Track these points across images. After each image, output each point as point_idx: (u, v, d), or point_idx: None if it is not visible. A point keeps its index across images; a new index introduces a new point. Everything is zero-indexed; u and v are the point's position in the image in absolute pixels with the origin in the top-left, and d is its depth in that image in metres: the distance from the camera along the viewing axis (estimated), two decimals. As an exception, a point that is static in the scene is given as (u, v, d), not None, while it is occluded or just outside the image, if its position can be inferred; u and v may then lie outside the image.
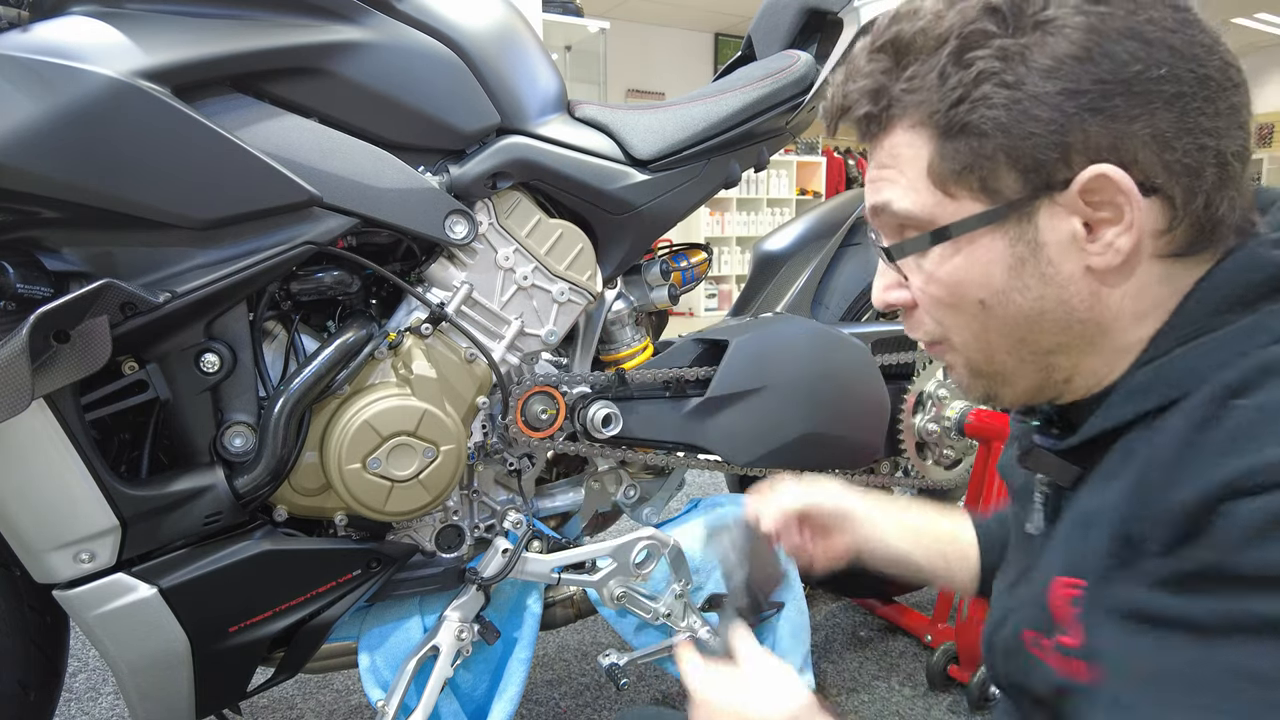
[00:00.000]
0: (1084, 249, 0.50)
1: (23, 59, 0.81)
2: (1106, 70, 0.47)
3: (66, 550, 0.91)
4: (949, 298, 0.55)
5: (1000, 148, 0.49)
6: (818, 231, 1.55)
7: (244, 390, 0.99)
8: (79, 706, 1.58)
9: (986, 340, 0.55)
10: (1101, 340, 0.53)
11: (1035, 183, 0.49)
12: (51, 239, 0.87)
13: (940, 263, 0.54)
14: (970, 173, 0.51)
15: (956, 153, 0.50)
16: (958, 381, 0.61)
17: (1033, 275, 0.52)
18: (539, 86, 1.17)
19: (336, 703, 1.60)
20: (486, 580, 1.12)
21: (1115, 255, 0.50)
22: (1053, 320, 0.53)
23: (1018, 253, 0.52)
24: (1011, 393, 0.58)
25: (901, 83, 0.52)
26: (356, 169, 0.99)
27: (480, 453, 1.18)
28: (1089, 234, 0.50)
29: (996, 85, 0.48)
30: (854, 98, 0.55)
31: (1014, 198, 0.50)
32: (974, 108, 0.49)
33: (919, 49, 0.51)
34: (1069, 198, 0.49)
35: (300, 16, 0.96)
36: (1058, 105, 0.47)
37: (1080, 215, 0.50)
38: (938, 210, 0.53)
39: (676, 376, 1.24)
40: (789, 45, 1.43)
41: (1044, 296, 0.52)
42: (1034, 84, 0.47)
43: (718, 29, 8.46)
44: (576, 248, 1.18)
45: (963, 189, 0.52)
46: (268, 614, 1.03)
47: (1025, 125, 0.48)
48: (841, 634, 1.83)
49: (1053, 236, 0.51)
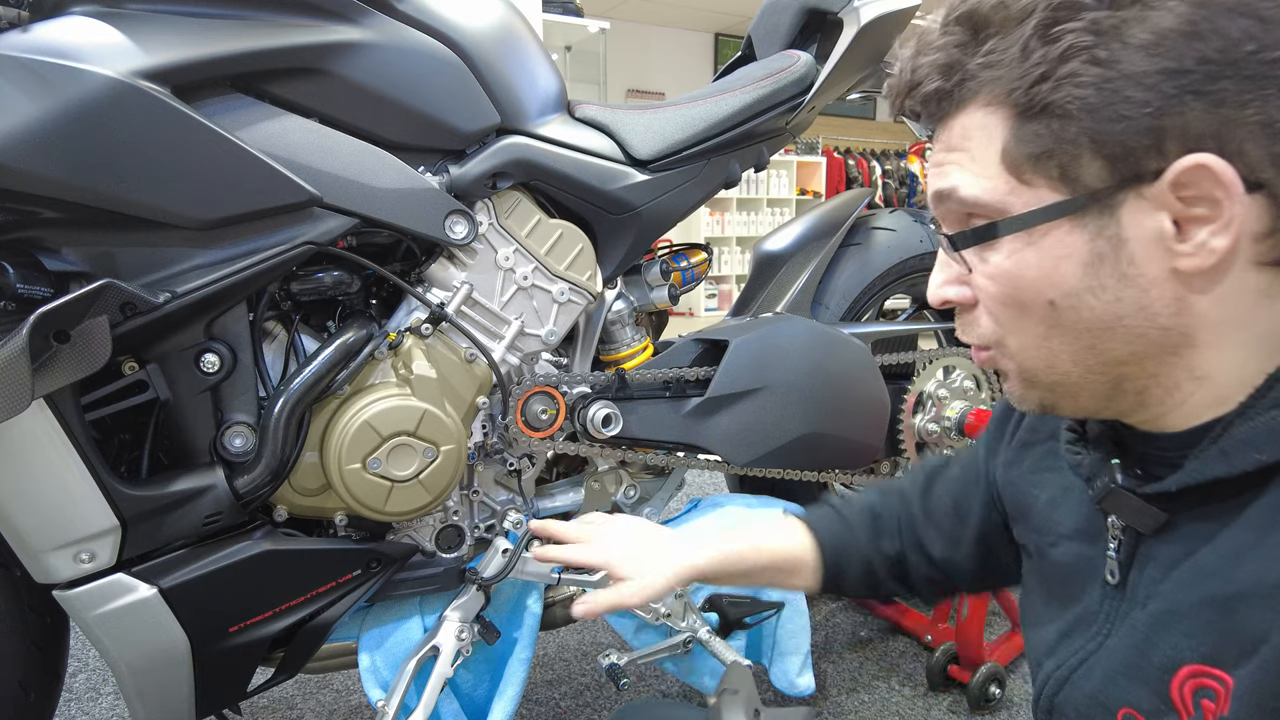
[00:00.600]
0: (1171, 249, 0.45)
1: (23, 59, 0.81)
2: (1215, 48, 0.42)
3: (66, 550, 0.91)
4: (1015, 296, 0.50)
5: (1085, 132, 0.44)
6: (818, 231, 1.55)
7: (244, 390, 0.99)
8: (79, 706, 1.58)
9: (1049, 347, 0.50)
10: (1185, 352, 0.47)
11: (1122, 172, 0.44)
12: (51, 239, 0.87)
13: (1009, 256, 0.49)
14: (1049, 158, 0.46)
15: (1035, 136, 0.46)
16: (1009, 392, 0.55)
17: (1111, 275, 0.46)
18: (539, 86, 1.17)
19: (336, 703, 1.60)
20: (487, 580, 1.12)
21: (1208, 256, 0.44)
22: (1129, 327, 0.47)
23: (1096, 249, 0.46)
24: (1073, 405, 0.53)
25: (979, 57, 0.47)
26: (356, 169, 0.99)
27: (480, 453, 1.18)
28: (1178, 232, 0.45)
29: (1086, 62, 0.43)
30: (924, 72, 0.50)
31: (1096, 188, 0.45)
32: (1059, 86, 0.44)
33: (1000, 21, 0.46)
34: (1158, 191, 0.44)
35: (300, 17, 0.96)
36: (1155, 86, 0.42)
37: (1170, 211, 0.44)
38: (1011, 198, 0.48)
39: (676, 376, 1.24)
40: (789, 45, 1.43)
41: (1121, 299, 0.47)
42: (1130, 62, 0.42)
43: (718, 29, 8.46)
44: (576, 248, 1.18)
45: (1040, 176, 0.47)
46: (268, 614, 1.03)
47: (1116, 107, 0.43)
48: (841, 634, 1.83)
49: (1137, 233, 0.45)
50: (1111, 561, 0.54)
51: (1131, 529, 0.53)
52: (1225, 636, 0.45)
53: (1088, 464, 0.56)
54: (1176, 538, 0.50)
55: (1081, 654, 0.55)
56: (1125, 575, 0.53)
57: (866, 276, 1.55)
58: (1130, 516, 0.52)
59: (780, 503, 1.38)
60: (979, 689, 1.50)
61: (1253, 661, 0.43)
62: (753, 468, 1.30)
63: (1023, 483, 0.67)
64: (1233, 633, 0.44)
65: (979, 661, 1.52)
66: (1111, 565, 0.54)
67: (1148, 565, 0.51)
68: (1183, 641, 0.47)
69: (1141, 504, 0.51)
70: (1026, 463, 0.68)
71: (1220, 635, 0.45)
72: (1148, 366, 0.49)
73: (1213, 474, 0.46)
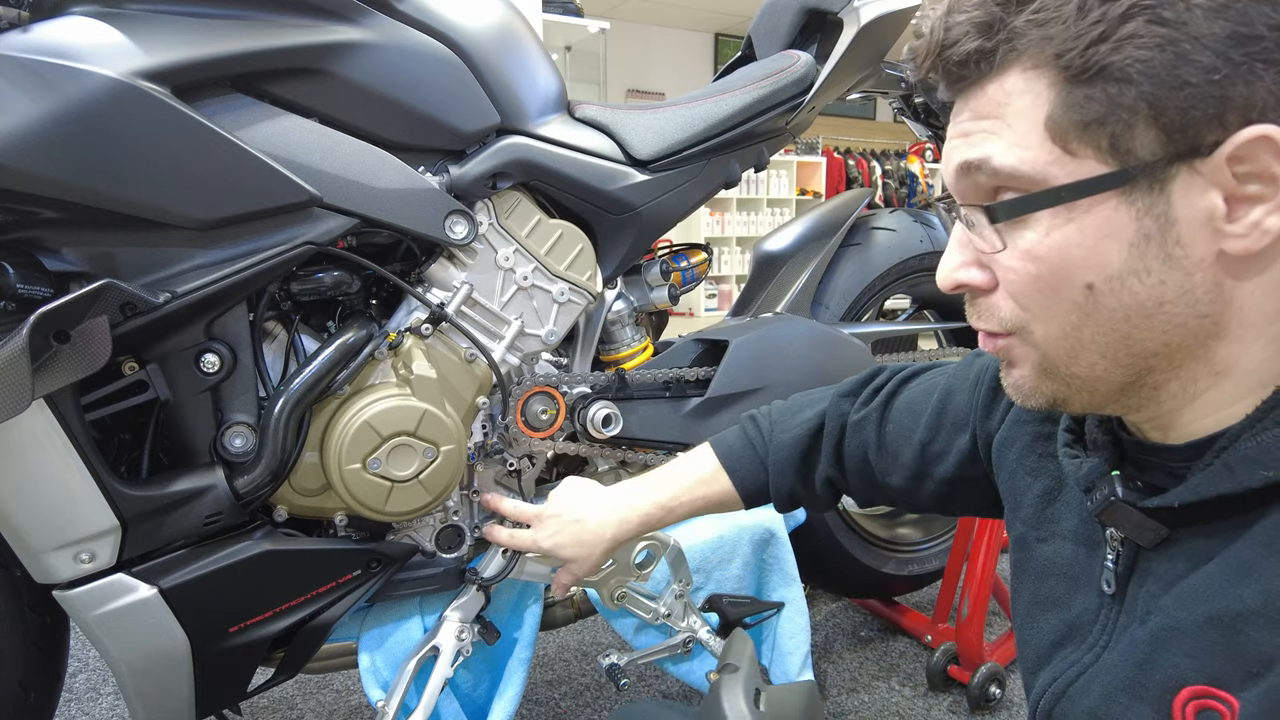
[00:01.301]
0: (1221, 229, 0.42)
1: (23, 59, 0.81)
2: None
3: (66, 550, 0.91)
4: (1050, 277, 0.46)
5: (1144, 97, 0.41)
6: (818, 231, 1.55)
7: (244, 390, 0.99)
8: (79, 707, 1.58)
9: (1079, 336, 0.47)
10: (1213, 344, 0.45)
11: (1178, 144, 0.41)
12: (51, 239, 0.87)
13: (1048, 233, 0.45)
14: (1101, 126, 0.42)
15: (1089, 100, 0.42)
16: (1017, 383, 0.52)
17: (1156, 256, 0.43)
18: (539, 87, 1.17)
19: (336, 703, 1.60)
20: (487, 580, 1.12)
21: (1261, 238, 0.41)
22: (1169, 314, 0.44)
23: (1144, 228, 0.43)
24: (1087, 399, 0.50)
25: (1027, 14, 0.43)
26: (356, 169, 0.99)
27: (480, 453, 1.18)
28: (1229, 212, 0.42)
29: (1150, 21, 0.40)
30: (960, 31, 0.45)
31: (1149, 160, 0.42)
32: (1119, 47, 0.40)
33: None
34: (1213, 166, 0.41)
35: (300, 17, 0.96)
36: (1223, 52, 0.39)
37: (1223, 188, 0.42)
38: (1053, 169, 0.44)
39: (676, 377, 1.24)
40: (789, 45, 1.43)
41: (1165, 283, 0.44)
42: (1197, 23, 0.39)
43: (718, 29, 8.46)
44: (576, 248, 1.18)
45: (1088, 146, 0.43)
46: (268, 614, 1.03)
47: (1180, 72, 0.40)
48: (841, 634, 1.83)
49: (1187, 212, 0.42)
50: (1109, 572, 0.53)
51: (1131, 541, 0.51)
52: (1230, 657, 0.43)
53: (1086, 471, 0.54)
54: (1178, 553, 0.48)
55: (1078, 666, 0.54)
56: (1123, 587, 0.52)
57: (866, 276, 1.55)
58: (1130, 530, 0.50)
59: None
60: (979, 689, 1.50)
61: (1262, 684, 0.41)
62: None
63: (1016, 468, 0.65)
64: (1238, 654, 0.43)
65: (979, 661, 1.52)
66: (1108, 575, 0.53)
67: (1147, 579, 0.50)
68: (1185, 662, 0.45)
69: (1142, 518, 0.49)
70: (1020, 443, 0.65)
71: (1225, 656, 0.43)
72: (1175, 359, 0.46)
73: (1218, 490, 0.44)
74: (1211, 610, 0.45)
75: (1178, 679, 0.45)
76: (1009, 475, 0.67)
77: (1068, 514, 0.59)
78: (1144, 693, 0.47)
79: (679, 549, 1.23)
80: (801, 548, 1.38)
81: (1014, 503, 0.66)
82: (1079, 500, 0.58)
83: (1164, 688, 0.46)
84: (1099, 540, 0.54)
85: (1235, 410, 0.46)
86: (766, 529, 1.32)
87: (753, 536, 1.31)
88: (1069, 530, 0.58)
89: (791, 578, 1.33)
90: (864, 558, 1.65)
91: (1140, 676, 0.48)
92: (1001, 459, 0.68)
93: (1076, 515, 0.58)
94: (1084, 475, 0.54)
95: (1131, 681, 0.48)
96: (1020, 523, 0.64)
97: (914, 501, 0.82)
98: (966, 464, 0.75)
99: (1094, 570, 0.55)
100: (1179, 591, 0.47)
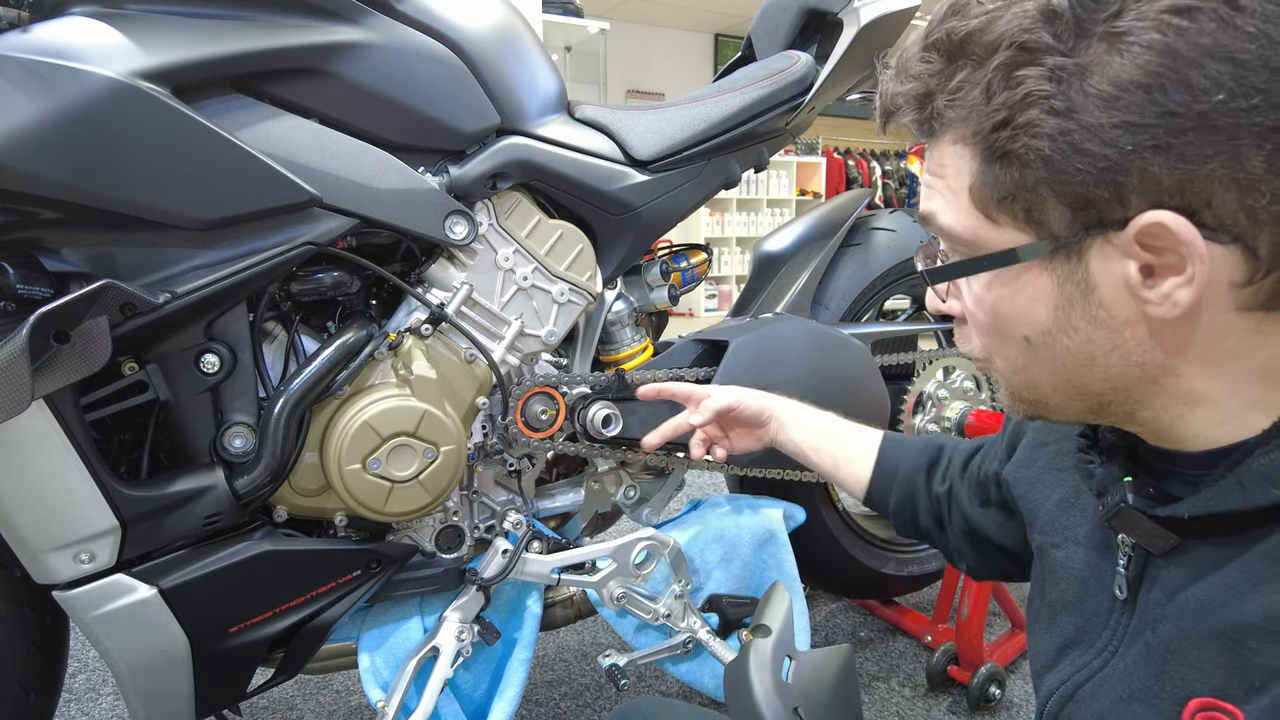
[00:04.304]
0: (1140, 295, 0.44)
1: (23, 59, 0.81)
2: (1178, 101, 0.39)
3: (66, 551, 0.91)
4: (995, 325, 0.50)
5: (1043, 181, 0.43)
6: (818, 232, 1.55)
7: (244, 391, 0.99)
8: (79, 707, 1.58)
9: (1029, 374, 0.51)
10: (1168, 381, 0.46)
11: (1086, 220, 0.43)
12: (51, 239, 0.87)
13: (987, 289, 0.49)
14: (1014, 202, 0.45)
15: (998, 180, 0.45)
16: (1000, 399, 0.57)
17: (1082, 318, 0.46)
18: (539, 87, 1.17)
19: (336, 703, 1.60)
20: (486, 581, 1.12)
21: (1173, 308, 0.43)
22: (1104, 365, 0.47)
23: (1066, 293, 0.46)
24: (1059, 418, 0.53)
25: (946, 94, 0.46)
26: (356, 169, 0.99)
27: (480, 453, 1.18)
28: (1148, 278, 0.43)
29: (1045, 112, 0.42)
30: (900, 101, 0.50)
31: (1061, 233, 0.44)
32: (1016, 135, 0.43)
33: (968, 54, 0.45)
34: (1124, 240, 0.43)
35: (300, 17, 0.96)
36: (1113, 141, 0.41)
37: (1136, 259, 0.43)
38: (981, 234, 0.48)
39: (676, 377, 1.24)
40: (789, 46, 1.43)
41: (1094, 340, 0.46)
42: (1088, 113, 0.41)
43: (718, 29, 8.46)
44: (576, 248, 1.18)
45: (1006, 216, 0.46)
46: (268, 614, 1.03)
47: (1073, 160, 0.42)
48: (841, 634, 1.83)
49: (1106, 279, 0.44)
50: (1121, 577, 0.53)
51: (1142, 547, 0.52)
52: (1233, 670, 0.44)
53: (1099, 476, 0.55)
54: (1185, 561, 0.49)
55: (1087, 670, 0.54)
56: (1134, 592, 0.52)
57: (866, 277, 1.55)
58: (1140, 537, 0.50)
59: (780, 503, 1.38)
60: (979, 689, 1.50)
61: (1264, 698, 0.42)
62: (753, 468, 1.30)
63: (1036, 482, 0.66)
64: (1241, 667, 0.43)
65: (979, 662, 1.52)
66: (1120, 580, 0.53)
67: (1155, 586, 0.51)
68: (1192, 673, 0.46)
69: (1153, 525, 0.49)
70: (1040, 462, 0.67)
71: (1228, 668, 0.44)
72: (1131, 395, 0.48)
73: (1227, 506, 0.45)
74: (1214, 623, 0.45)
75: (1186, 690, 0.46)
76: (1026, 491, 0.67)
77: (1083, 520, 0.60)
78: (1157, 702, 0.48)
79: (679, 549, 1.23)
80: (801, 548, 1.38)
81: (1031, 516, 0.66)
82: (1094, 507, 0.58)
83: (1174, 699, 0.47)
84: (1112, 545, 0.55)
85: (1242, 420, 0.46)
86: (766, 529, 1.32)
87: (753, 536, 1.31)
88: (1083, 535, 0.59)
89: (791, 578, 1.33)
90: (864, 558, 1.65)
91: (1155, 685, 0.49)
92: (1017, 478, 0.69)
93: (1091, 520, 0.58)
94: (1098, 479, 0.55)
95: (1146, 690, 0.49)
96: (1038, 533, 0.64)
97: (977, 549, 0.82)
98: (986, 509, 0.77)
99: (1106, 574, 0.55)
100: (1183, 600, 0.48)
